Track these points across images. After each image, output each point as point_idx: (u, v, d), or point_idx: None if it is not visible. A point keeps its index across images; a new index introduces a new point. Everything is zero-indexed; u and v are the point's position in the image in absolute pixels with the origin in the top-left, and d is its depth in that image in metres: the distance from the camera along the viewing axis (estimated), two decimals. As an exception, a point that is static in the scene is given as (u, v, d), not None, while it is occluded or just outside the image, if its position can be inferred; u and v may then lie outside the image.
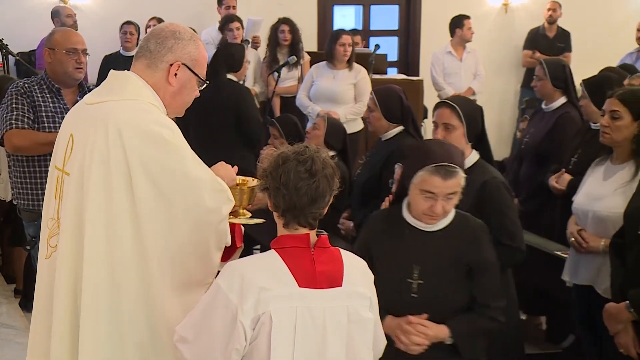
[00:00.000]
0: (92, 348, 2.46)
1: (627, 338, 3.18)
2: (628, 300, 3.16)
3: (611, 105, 3.65)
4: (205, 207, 2.49)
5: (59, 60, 4.02)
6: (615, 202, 3.56)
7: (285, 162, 2.30)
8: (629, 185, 3.55)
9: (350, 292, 2.34)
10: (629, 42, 8.43)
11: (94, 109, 2.57)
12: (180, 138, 2.53)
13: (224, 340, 2.24)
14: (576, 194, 3.89)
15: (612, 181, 3.65)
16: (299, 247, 2.31)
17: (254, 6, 8.44)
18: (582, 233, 3.73)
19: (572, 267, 3.85)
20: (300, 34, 7.64)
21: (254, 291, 2.23)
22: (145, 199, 2.43)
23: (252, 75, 7.46)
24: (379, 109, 4.59)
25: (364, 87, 6.64)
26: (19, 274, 5.76)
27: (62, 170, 2.60)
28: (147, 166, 2.43)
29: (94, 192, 2.45)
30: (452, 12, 8.58)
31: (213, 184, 2.54)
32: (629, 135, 3.60)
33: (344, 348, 2.33)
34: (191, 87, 2.65)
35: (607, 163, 3.75)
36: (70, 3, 8.65)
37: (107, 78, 2.66)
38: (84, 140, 2.51)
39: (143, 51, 2.62)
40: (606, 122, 3.64)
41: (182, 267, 2.50)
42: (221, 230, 2.57)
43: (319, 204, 2.31)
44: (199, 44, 2.65)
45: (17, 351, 4.63)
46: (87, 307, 2.45)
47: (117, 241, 2.45)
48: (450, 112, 3.57)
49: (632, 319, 3.15)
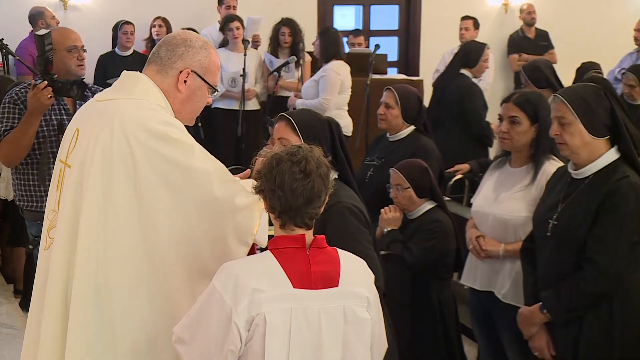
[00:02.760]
0: (79, 345, 2.44)
1: (541, 341, 3.18)
2: (541, 302, 3.17)
3: (509, 110, 3.63)
4: (214, 197, 2.49)
5: (60, 60, 4.00)
6: (515, 205, 3.57)
7: (279, 164, 2.30)
8: (527, 188, 3.57)
9: (346, 292, 2.34)
10: (629, 42, 8.42)
11: (102, 106, 2.60)
12: (186, 136, 2.55)
13: (219, 341, 2.24)
14: (475, 197, 3.88)
15: (511, 184, 3.64)
16: (294, 248, 2.32)
17: (254, 6, 8.43)
18: (480, 240, 3.70)
19: (471, 272, 3.80)
20: (302, 34, 7.64)
21: (247, 292, 2.23)
22: (152, 193, 2.45)
23: (252, 75, 7.47)
24: (398, 107, 4.59)
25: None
26: (19, 274, 5.78)
27: (64, 163, 2.62)
28: (153, 160, 2.45)
29: (92, 185, 2.46)
30: (452, 12, 8.59)
31: (222, 174, 2.54)
32: (528, 140, 3.60)
33: (340, 349, 2.33)
34: (201, 95, 2.67)
35: (506, 166, 3.75)
36: (70, 3, 8.66)
37: (119, 78, 2.69)
38: (89, 134, 2.54)
39: (154, 57, 2.65)
40: (505, 128, 3.62)
41: (197, 259, 2.50)
42: (240, 223, 2.55)
43: (314, 204, 2.32)
44: (210, 52, 2.67)
45: (17, 351, 4.58)
46: (76, 303, 2.44)
47: (116, 236, 2.45)
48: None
49: (545, 320, 3.15)
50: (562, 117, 3.10)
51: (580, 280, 3.04)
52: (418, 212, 4.19)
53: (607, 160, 3.09)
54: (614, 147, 3.11)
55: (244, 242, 2.58)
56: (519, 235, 3.58)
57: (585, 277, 3.03)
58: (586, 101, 3.08)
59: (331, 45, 6.82)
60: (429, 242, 3.97)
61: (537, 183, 3.55)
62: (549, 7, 9.69)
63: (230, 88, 7.40)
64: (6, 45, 5.44)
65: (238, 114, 7.13)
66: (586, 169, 3.12)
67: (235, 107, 7.33)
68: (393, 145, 4.69)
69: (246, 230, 2.57)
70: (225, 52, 7.39)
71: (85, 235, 2.45)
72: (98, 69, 7.70)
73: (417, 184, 4.15)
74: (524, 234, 3.55)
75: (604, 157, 3.09)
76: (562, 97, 3.10)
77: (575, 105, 3.07)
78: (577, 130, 3.07)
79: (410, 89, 4.79)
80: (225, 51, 7.43)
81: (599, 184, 3.06)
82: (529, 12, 9.38)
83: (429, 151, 4.62)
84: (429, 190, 4.18)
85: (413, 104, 4.68)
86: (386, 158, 4.61)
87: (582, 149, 3.09)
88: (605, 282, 3.01)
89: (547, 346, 3.18)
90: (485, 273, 3.71)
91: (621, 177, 3.03)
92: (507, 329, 3.62)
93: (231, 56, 7.41)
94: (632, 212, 2.99)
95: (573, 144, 3.09)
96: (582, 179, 3.13)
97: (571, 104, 3.07)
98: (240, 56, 7.19)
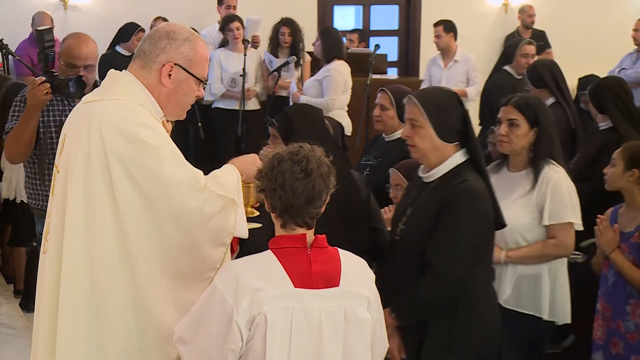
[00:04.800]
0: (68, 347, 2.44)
1: (393, 344, 3.15)
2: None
3: (508, 113, 3.61)
4: (184, 207, 2.45)
5: (62, 70, 3.97)
6: (516, 212, 3.54)
7: (280, 163, 2.30)
8: (528, 194, 3.55)
9: (347, 291, 2.34)
10: (629, 42, 8.42)
11: (85, 108, 2.59)
12: (161, 138, 2.50)
13: (220, 341, 2.24)
14: None
15: (511, 190, 3.62)
16: (295, 248, 2.32)
17: (254, 6, 8.44)
18: None
19: None
20: (302, 34, 7.64)
21: (249, 292, 2.23)
22: (126, 197, 2.43)
23: (252, 75, 7.47)
24: (394, 108, 4.58)
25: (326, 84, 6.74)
26: (19, 274, 5.77)
27: (56, 168, 2.63)
28: (126, 165, 2.43)
29: (75, 190, 2.46)
30: (452, 12, 8.56)
31: (191, 183, 2.48)
32: (527, 144, 3.59)
33: (340, 348, 2.33)
34: (187, 88, 2.62)
35: (503, 170, 3.73)
36: (70, 3, 8.66)
37: (105, 77, 2.67)
38: (72, 137, 2.54)
39: (139, 52, 2.62)
40: (504, 131, 3.60)
41: (172, 264, 2.48)
42: (214, 227, 2.51)
43: (315, 204, 2.32)
44: (195, 44, 2.61)
45: (17, 351, 4.63)
46: (63, 308, 2.45)
47: (97, 240, 2.44)
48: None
49: (395, 324, 3.13)
50: (415, 119, 3.08)
51: (422, 285, 3.02)
52: None
53: (453, 164, 3.07)
54: (461, 151, 3.09)
55: (221, 243, 2.54)
56: (519, 241, 3.58)
57: (426, 281, 3.01)
58: (439, 107, 3.06)
59: (333, 45, 6.82)
60: None
61: (538, 189, 3.54)
62: (548, 8, 9.69)
63: (230, 88, 7.40)
64: (6, 45, 5.44)
65: (238, 114, 7.12)
66: (433, 172, 3.11)
67: (235, 107, 7.33)
68: (389, 145, 4.68)
69: (222, 232, 2.53)
70: (225, 52, 7.40)
71: (68, 240, 2.45)
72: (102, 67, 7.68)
73: None
74: (524, 240, 3.56)
75: (449, 160, 3.06)
76: (415, 100, 3.08)
77: (428, 110, 3.04)
78: (427, 134, 3.04)
79: (405, 89, 4.76)
80: (225, 51, 7.43)
81: (441, 188, 3.05)
82: (530, 15, 9.37)
83: None
84: None
85: None
86: (382, 158, 4.60)
87: (431, 153, 3.08)
88: (446, 286, 2.99)
89: (398, 349, 3.15)
90: None
91: (461, 181, 3.00)
92: (506, 333, 3.62)
93: (231, 56, 7.41)
94: (470, 216, 2.97)
95: (423, 147, 3.08)
96: (429, 182, 3.12)
97: (424, 107, 3.05)
98: (240, 56, 7.19)
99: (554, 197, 3.52)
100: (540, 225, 3.56)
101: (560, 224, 3.54)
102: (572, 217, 3.56)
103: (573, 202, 3.58)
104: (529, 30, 9.40)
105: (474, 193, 3.00)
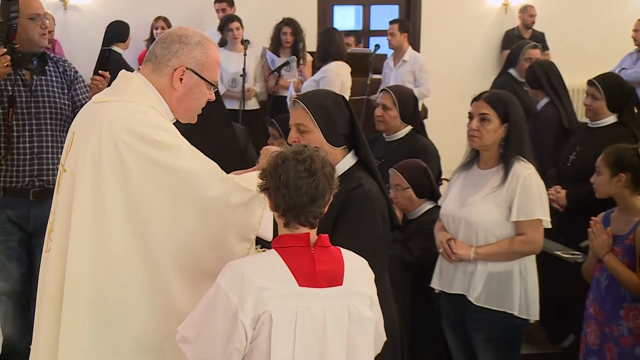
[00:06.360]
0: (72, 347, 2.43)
1: None
2: None
3: (480, 108, 3.60)
4: (207, 197, 2.46)
5: (23, 29, 3.85)
6: (486, 208, 3.55)
7: (284, 162, 2.30)
8: (497, 190, 3.55)
9: (350, 290, 2.35)
10: (629, 42, 8.44)
11: (96, 108, 2.58)
12: (174, 137, 2.51)
13: (224, 340, 2.24)
14: (443, 199, 3.85)
15: (480, 186, 3.62)
16: (299, 247, 2.32)
17: (254, 6, 8.45)
18: (451, 243, 3.65)
19: (442, 275, 3.76)
20: (303, 34, 7.65)
21: (253, 291, 2.23)
22: (144, 198, 2.42)
23: (251, 75, 7.47)
24: (396, 108, 4.58)
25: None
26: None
27: (62, 166, 2.62)
28: (142, 165, 2.42)
29: (83, 190, 2.44)
30: (452, 12, 8.59)
31: (212, 174, 2.50)
32: (497, 139, 3.59)
33: (344, 347, 2.33)
34: (199, 92, 2.62)
35: (474, 168, 3.72)
36: (70, 3, 8.66)
37: (116, 78, 2.66)
38: (81, 138, 2.53)
39: (150, 55, 2.62)
40: (475, 126, 3.59)
41: (196, 260, 2.48)
42: (239, 218, 2.51)
43: (319, 203, 2.32)
44: (207, 48, 2.60)
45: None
46: (67, 307, 2.43)
47: (107, 239, 2.43)
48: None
49: None
50: (302, 124, 2.97)
51: None
52: (417, 212, 4.19)
53: (344, 167, 3.00)
54: (350, 153, 3.04)
55: (246, 238, 2.55)
56: (489, 238, 3.57)
57: None
58: (327, 110, 2.97)
59: (332, 45, 6.82)
60: (428, 242, 3.94)
61: (508, 185, 3.52)
62: (548, 7, 9.70)
63: (231, 88, 7.41)
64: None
65: (238, 114, 7.13)
66: None
67: (235, 107, 7.34)
68: (392, 146, 4.69)
69: (246, 226, 2.54)
70: (225, 52, 7.40)
71: (75, 240, 2.44)
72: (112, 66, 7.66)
73: (417, 184, 4.15)
74: (494, 237, 3.55)
75: (340, 164, 2.98)
76: (302, 103, 2.98)
77: (316, 113, 2.95)
78: (316, 139, 2.92)
79: (406, 89, 4.81)
80: (225, 51, 7.44)
81: (337, 193, 3.01)
82: (531, 15, 9.38)
83: (429, 151, 4.63)
84: (429, 190, 4.18)
85: (410, 104, 4.68)
86: (385, 158, 4.61)
87: None
88: None
89: None
90: (457, 276, 3.67)
91: (356, 185, 2.94)
92: (480, 332, 3.63)
93: (231, 56, 7.42)
94: (368, 221, 2.93)
95: None
96: None
97: (312, 111, 2.95)
98: (240, 56, 7.20)
99: (523, 194, 3.50)
100: (510, 222, 3.55)
101: (529, 221, 3.53)
102: (540, 214, 3.54)
103: (542, 199, 3.57)
104: (529, 30, 9.42)
105: (370, 197, 2.95)
